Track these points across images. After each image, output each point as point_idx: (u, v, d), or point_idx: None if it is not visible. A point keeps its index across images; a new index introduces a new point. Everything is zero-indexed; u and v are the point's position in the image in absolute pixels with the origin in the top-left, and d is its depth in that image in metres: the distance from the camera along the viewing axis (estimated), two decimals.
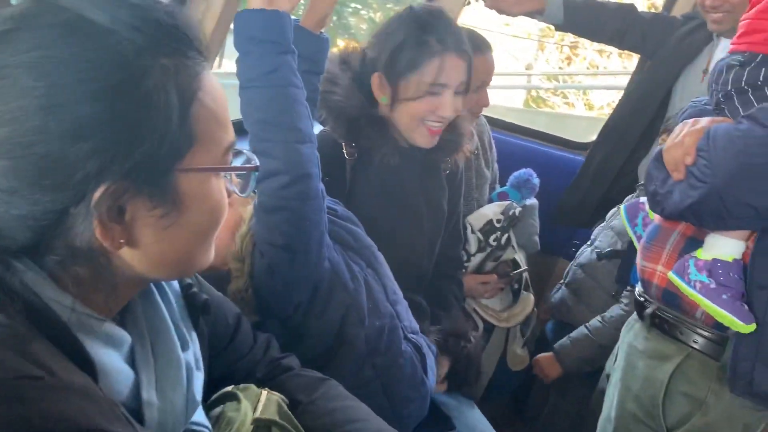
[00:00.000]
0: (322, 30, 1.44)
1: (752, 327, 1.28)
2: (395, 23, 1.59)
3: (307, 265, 1.22)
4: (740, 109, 1.32)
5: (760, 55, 1.30)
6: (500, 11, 2.38)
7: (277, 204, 1.18)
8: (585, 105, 11.86)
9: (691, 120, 1.36)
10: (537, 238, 2.28)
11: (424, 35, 1.55)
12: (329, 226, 1.30)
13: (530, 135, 2.95)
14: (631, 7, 2.53)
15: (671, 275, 1.39)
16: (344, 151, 1.61)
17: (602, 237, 2.23)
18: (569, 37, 13.85)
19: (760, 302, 1.29)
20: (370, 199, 1.61)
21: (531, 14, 2.42)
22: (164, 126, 0.62)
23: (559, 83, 10.72)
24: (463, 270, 2.01)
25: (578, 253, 2.33)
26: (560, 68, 13.66)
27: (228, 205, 0.73)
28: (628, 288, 2.05)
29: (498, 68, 2.09)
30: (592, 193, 2.61)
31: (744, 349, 1.30)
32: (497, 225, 2.04)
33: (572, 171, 2.76)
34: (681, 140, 1.32)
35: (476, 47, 1.90)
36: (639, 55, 2.74)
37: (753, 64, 1.31)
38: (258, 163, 0.77)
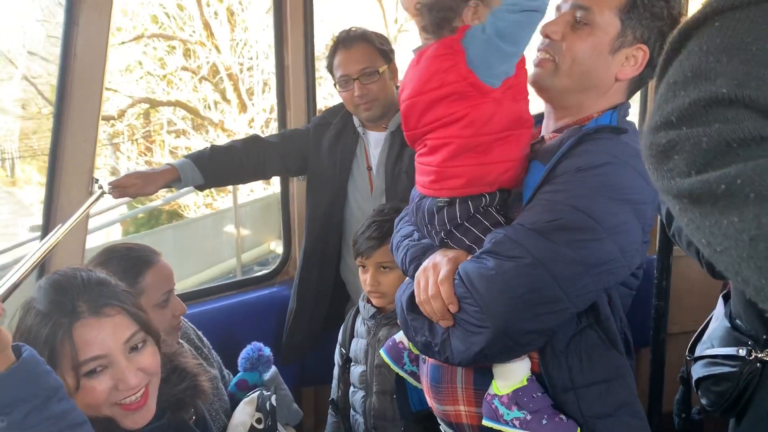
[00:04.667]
0: None
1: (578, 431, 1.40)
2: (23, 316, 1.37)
3: None
4: (464, 239, 1.44)
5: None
6: (134, 197, 2.28)
7: None
8: None
9: (429, 265, 1.44)
10: (296, 405, 2.19)
11: (51, 316, 1.33)
12: None
13: (216, 292, 2.85)
14: (256, 138, 2.64)
15: (487, 423, 1.45)
16: None
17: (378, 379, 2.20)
18: (140, 130, 14.03)
19: (571, 404, 1.42)
20: None
21: (170, 186, 2.34)
22: None
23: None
24: None
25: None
26: (146, 161, 13.70)
27: None
28: None
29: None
30: (315, 318, 2.66)
31: None
32: (260, 427, 1.88)
33: (272, 304, 2.76)
34: (435, 291, 1.38)
35: (143, 263, 1.77)
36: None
37: (458, 201, 1.44)
38: None
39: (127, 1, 11.99)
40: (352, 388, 2.24)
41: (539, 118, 1.61)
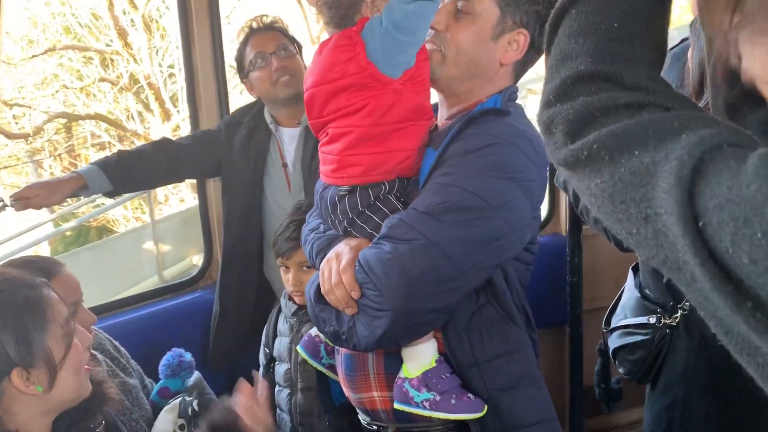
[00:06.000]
0: None
1: (485, 409, 1.47)
2: None
3: None
4: (365, 226, 1.50)
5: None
6: (39, 208, 2.23)
7: None
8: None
9: (333, 255, 1.48)
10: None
11: (25, 286, 1.40)
12: None
13: (136, 300, 2.82)
14: (166, 141, 2.62)
15: (398, 406, 1.50)
16: None
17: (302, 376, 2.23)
18: (62, 144, 13.65)
19: (476, 379, 1.49)
20: None
21: (77, 194, 2.31)
22: None
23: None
24: None
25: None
26: None
27: None
28: None
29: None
30: (241, 320, 2.66)
31: (490, 426, 1.49)
32: None
33: (195, 309, 2.79)
34: (338, 280, 1.43)
35: (45, 274, 1.71)
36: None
37: (359, 189, 1.50)
38: None
39: (37, 12, 11.65)
40: (277, 387, 2.26)
41: (435, 107, 1.68)
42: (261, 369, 2.36)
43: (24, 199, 2.20)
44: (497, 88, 1.57)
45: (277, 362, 2.27)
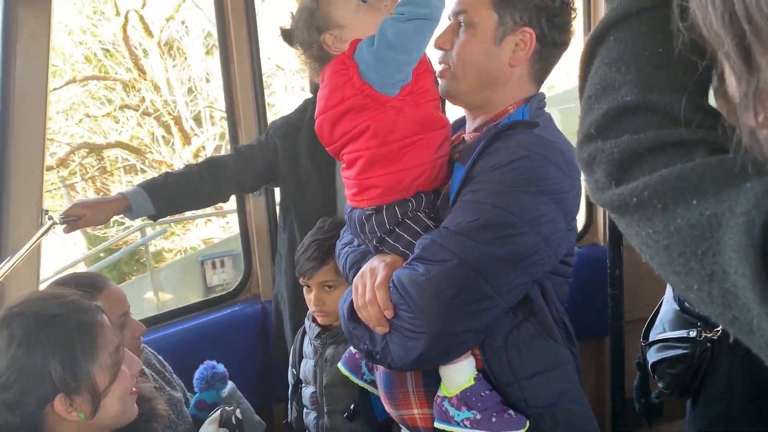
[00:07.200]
0: None
1: (527, 425, 1.45)
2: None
3: None
4: (397, 245, 1.50)
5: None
6: (85, 227, 2.29)
7: None
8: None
9: (367, 270, 1.48)
10: (258, 417, 2.19)
11: (82, 309, 1.43)
12: None
13: (180, 314, 2.86)
14: (212, 161, 2.59)
15: (439, 425, 1.48)
16: None
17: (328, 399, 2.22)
18: (93, 167, 13.82)
19: (516, 397, 1.46)
20: None
21: (121, 214, 2.34)
22: None
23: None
24: None
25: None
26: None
27: None
28: None
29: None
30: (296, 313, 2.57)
31: None
32: None
33: (236, 322, 2.83)
34: (372, 297, 1.42)
35: (94, 288, 1.76)
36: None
37: (385, 208, 1.50)
38: None
39: (61, 42, 11.85)
40: (305, 410, 2.26)
41: (463, 121, 1.68)
42: (290, 389, 2.36)
43: (72, 218, 2.23)
44: (518, 95, 1.56)
45: (303, 384, 2.26)
